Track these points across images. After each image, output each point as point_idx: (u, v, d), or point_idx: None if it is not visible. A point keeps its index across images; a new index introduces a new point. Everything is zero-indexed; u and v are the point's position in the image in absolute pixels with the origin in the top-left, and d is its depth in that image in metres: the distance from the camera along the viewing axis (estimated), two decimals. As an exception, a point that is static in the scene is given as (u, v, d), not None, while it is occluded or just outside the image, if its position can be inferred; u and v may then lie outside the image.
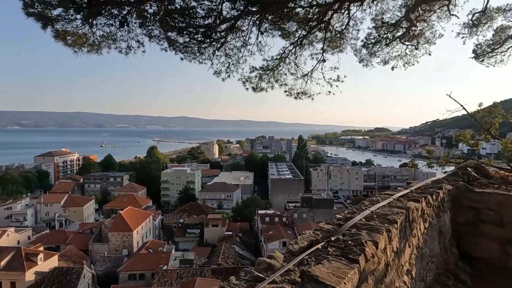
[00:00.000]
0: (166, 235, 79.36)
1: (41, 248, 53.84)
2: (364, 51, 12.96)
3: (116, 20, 7.90)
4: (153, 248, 59.58)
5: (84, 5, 7.01)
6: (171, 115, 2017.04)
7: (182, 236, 75.20)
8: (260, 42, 9.97)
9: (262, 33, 9.83)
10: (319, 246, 3.13)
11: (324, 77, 11.41)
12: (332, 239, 3.23)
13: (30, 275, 46.55)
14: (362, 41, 12.67)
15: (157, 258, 54.14)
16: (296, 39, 10.94)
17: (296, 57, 11.31)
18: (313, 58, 11.64)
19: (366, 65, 13.25)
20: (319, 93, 11.72)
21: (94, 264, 56.98)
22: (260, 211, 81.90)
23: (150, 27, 8.60)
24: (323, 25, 10.91)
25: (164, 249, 60.13)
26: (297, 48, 11.11)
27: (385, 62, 13.32)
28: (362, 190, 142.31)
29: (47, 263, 49.47)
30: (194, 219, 79.19)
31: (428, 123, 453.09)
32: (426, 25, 12.66)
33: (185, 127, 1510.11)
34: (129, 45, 8.57)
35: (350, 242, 3.25)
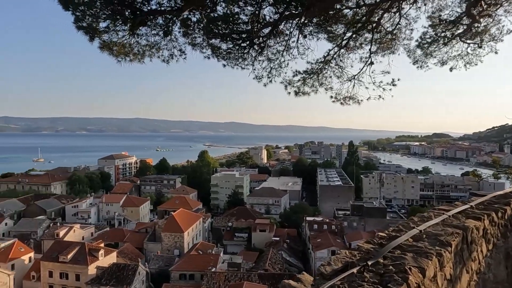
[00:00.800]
0: (215, 237, 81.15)
1: (102, 245, 57.93)
2: (418, 51, 12.02)
3: (160, 29, 8.16)
4: (202, 250, 61.19)
5: (130, 16, 7.33)
6: (221, 121, 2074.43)
7: (231, 240, 76.28)
8: (302, 44, 9.66)
9: (305, 37, 9.53)
10: (354, 270, 2.77)
11: (373, 80, 10.77)
12: (369, 263, 2.84)
13: (92, 269, 50.25)
14: (416, 41, 11.75)
15: (206, 260, 55.45)
16: (341, 41, 10.47)
17: (341, 59, 10.81)
18: (361, 60, 11.06)
19: (421, 67, 12.29)
20: (369, 98, 11.07)
21: (148, 262, 59.99)
22: (308, 218, 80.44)
23: (193, 35, 8.74)
24: (372, 25, 10.31)
25: (213, 251, 61.42)
26: (342, 50, 10.63)
27: (443, 63, 12.23)
28: (419, 200, 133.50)
29: (107, 259, 53.05)
30: (242, 223, 79.96)
31: (496, 128, 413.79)
32: (491, 20, 11.42)
33: (234, 132, 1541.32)
34: (172, 53, 8.82)
35: (391, 267, 2.84)
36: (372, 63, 10.53)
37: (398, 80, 10.64)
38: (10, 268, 49.83)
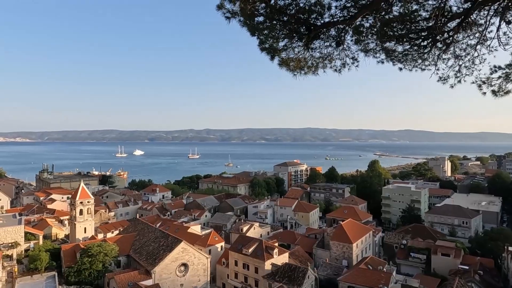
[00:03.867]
0: (386, 254, 75.55)
1: (276, 244, 63.28)
2: None
3: (333, 40, 8.33)
4: (372, 265, 58.07)
5: (305, 32, 7.83)
6: (394, 129, 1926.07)
7: (405, 259, 69.28)
8: (505, 33, 7.77)
9: (509, 23, 7.66)
10: None
11: None
12: None
13: (267, 265, 55.60)
14: None
15: (376, 277, 52.26)
16: None
17: None
18: None
19: None
20: None
21: (317, 267, 61.56)
22: (511, 248, 64.10)
23: (366, 42, 8.51)
24: None
25: (384, 269, 57.33)
26: None
27: None
28: None
29: (280, 258, 57.58)
30: (419, 242, 71.37)
31: None
32: None
33: (410, 141, 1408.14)
34: (344, 62, 8.81)
35: None
36: None
37: None
38: (208, 253, 61.00)
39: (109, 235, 73.11)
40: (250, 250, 58.13)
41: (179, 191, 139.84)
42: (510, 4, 7.41)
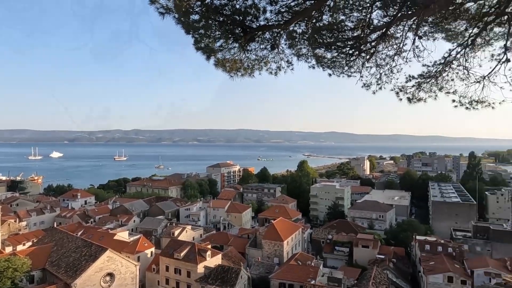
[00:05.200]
0: (314, 249, 79.79)
1: (209, 246, 62.54)
2: None
3: (268, 44, 8.49)
4: (301, 261, 60.73)
5: (241, 33, 7.85)
6: (321, 131, 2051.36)
7: (330, 253, 73.96)
8: (417, 47, 8.78)
9: (420, 38, 8.66)
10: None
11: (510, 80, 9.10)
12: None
13: (200, 268, 54.59)
14: None
15: (305, 271, 54.76)
16: (465, 39, 9.17)
17: (466, 59, 9.45)
18: (493, 59, 9.49)
19: None
20: (503, 101, 9.38)
21: (249, 267, 62.37)
22: (418, 237, 72.84)
23: (298, 47, 8.84)
24: (506, 17, 8.78)
25: (312, 263, 60.35)
26: (467, 49, 9.28)
27: None
28: None
29: (213, 260, 57.01)
30: (343, 236, 76.82)
31: None
32: None
33: (335, 142, 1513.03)
34: (279, 66, 9.06)
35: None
36: (508, 60, 8.92)
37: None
38: (137, 260, 57.76)
39: (19, 247, 64.75)
40: (182, 254, 56.55)
41: (104, 196, 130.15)
42: (420, 22, 8.41)
